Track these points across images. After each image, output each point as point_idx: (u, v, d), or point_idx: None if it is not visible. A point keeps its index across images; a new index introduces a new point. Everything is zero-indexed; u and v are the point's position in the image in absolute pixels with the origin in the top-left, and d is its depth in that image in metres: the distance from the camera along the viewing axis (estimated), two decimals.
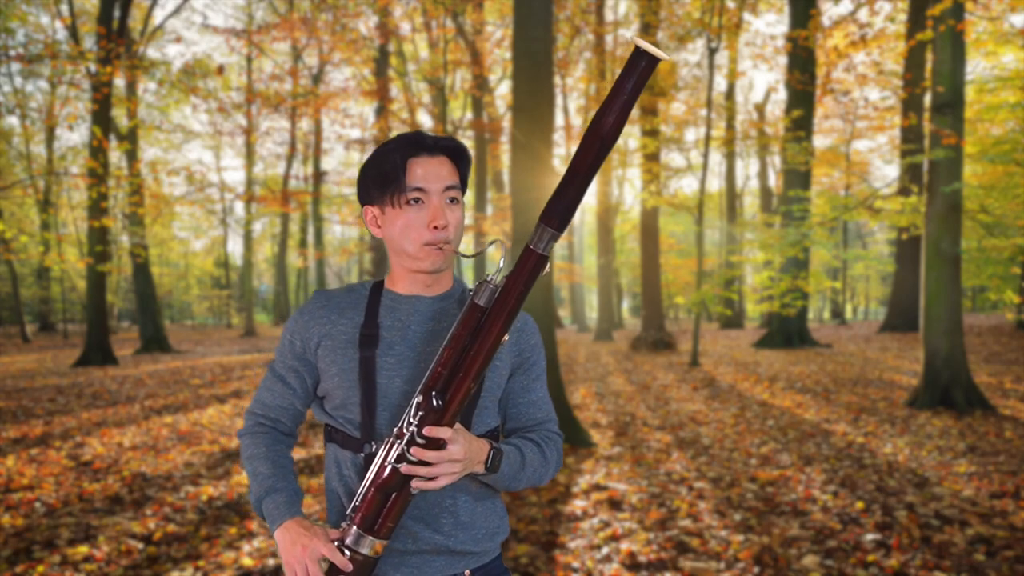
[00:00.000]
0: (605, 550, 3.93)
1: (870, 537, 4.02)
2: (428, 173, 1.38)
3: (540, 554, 3.89)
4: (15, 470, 5.92)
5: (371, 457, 1.38)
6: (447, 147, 1.41)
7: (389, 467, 1.27)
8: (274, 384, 1.49)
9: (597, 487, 5.25)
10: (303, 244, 29.05)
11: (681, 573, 3.59)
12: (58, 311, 32.79)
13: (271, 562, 3.80)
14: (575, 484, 5.32)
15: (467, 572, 1.44)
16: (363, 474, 1.39)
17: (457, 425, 1.28)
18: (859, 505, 4.64)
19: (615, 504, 4.81)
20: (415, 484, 1.27)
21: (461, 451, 1.27)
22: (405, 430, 1.26)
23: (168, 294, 40.62)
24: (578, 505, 4.80)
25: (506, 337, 1.27)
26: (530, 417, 1.51)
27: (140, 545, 4.09)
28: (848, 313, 49.10)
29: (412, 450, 1.25)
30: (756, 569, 3.61)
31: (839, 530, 4.18)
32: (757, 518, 4.45)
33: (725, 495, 4.98)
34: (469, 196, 24.65)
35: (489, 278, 1.26)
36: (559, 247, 30.20)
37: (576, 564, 3.75)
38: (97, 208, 15.24)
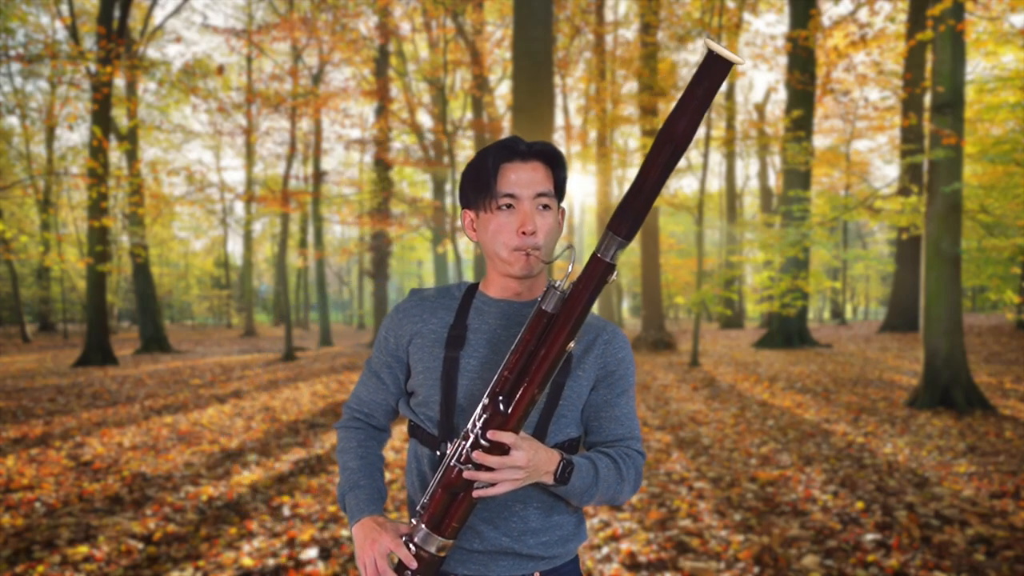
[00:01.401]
0: (605, 550, 3.93)
1: (870, 537, 4.02)
2: (520, 179, 1.39)
3: None
4: (15, 470, 5.92)
5: (444, 456, 1.40)
6: (541, 152, 1.42)
7: (452, 467, 1.29)
8: (369, 379, 1.53)
9: None
10: (303, 244, 29.05)
11: (681, 573, 3.59)
12: (58, 311, 32.79)
13: (271, 562, 3.80)
14: None
15: (537, 574, 1.44)
16: (435, 471, 1.42)
17: (523, 433, 1.28)
18: (859, 505, 4.64)
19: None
20: (476, 491, 1.27)
21: (524, 458, 1.26)
22: (471, 432, 1.27)
23: (168, 294, 40.62)
24: None
25: (572, 344, 1.26)
26: (611, 432, 1.48)
27: (140, 545, 4.09)
28: (848, 313, 49.13)
29: (474, 454, 1.25)
30: (756, 569, 3.61)
31: (839, 530, 4.18)
32: (757, 518, 4.45)
33: (725, 495, 4.98)
34: None
35: (556, 284, 1.26)
36: (558, 247, 30.16)
37: None
38: (97, 208, 15.24)
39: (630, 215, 1.19)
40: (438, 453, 1.41)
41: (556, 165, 1.43)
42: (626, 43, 20.75)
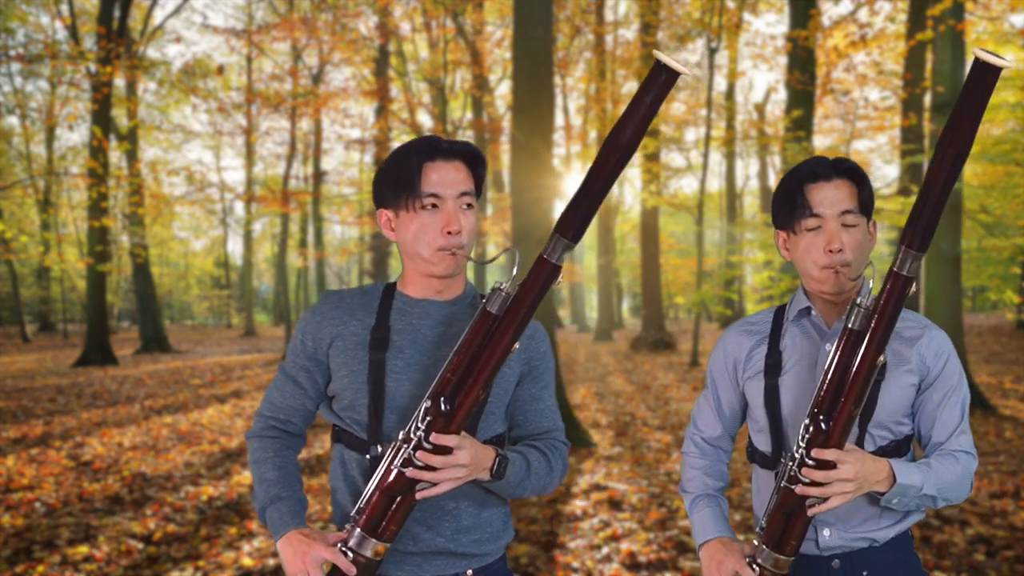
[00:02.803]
0: (605, 550, 3.93)
1: None
2: (443, 178, 1.38)
3: (540, 554, 3.89)
4: (15, 470, 5.92)
5: (377, 459, 1.38)
6: (463, 152, 1.41)
7: (395, 471, 1.28)
8: (285, 384, 1.48)
9: (597, 487, 5.25)
10: (303, 244, 29.02)
11: (681, 573, 3.59)
12: (58, 311, 32.77)
13: (271, 562, 3.80)
14: (575, 484, 5.32)
15: (469, 572, 1.44)
16: (367, 476, 1.40)
17: (463, 432, 1.29)
18: None
19: (615, 504, 4.81)
20: (420, 492, 1.28)
21: (467, 457, 1.27)
22: (413, 435, 1.27)
23: (168, 294, 40.60)
24: (578, 505, 4.80)
25: (516, 345, 1.27)
26: (536, 425, 1.50)
27: (140, 545, 4.09)
28: None
29: (418, 454, 1.25)
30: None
31: None
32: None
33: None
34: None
35: (501, 285, 1.27)
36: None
37: (576, 564, 3.75)
38: (97, 208, 15.24)
39: (576, 219, 1.21)
40: (368, 457, 1.39)
41: (477, 165, 1.43)
42: (626, 43, 20.75)
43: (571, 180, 21.32)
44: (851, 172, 1.43)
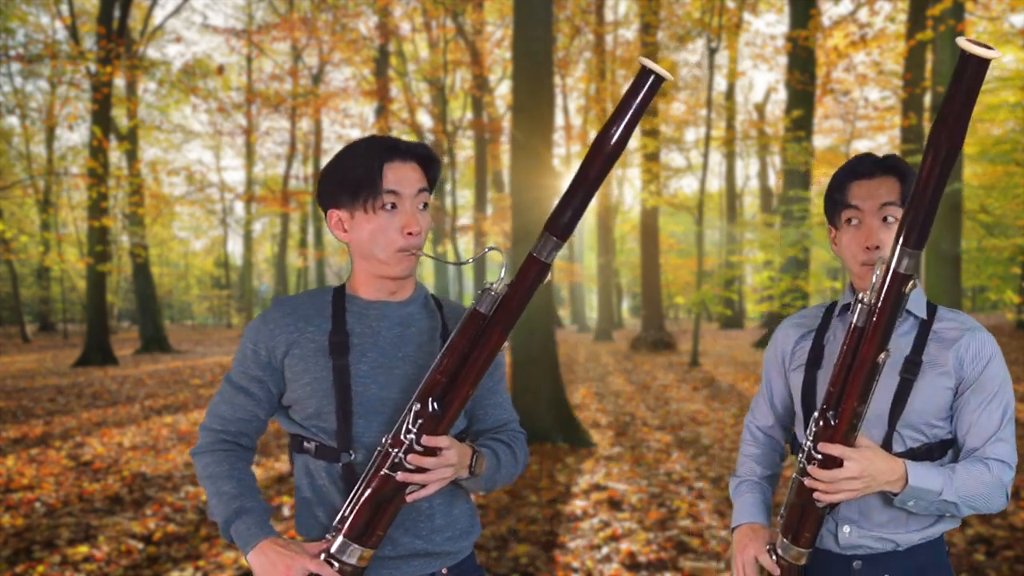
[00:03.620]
0: (605, 550, 3.93)
1: None
2: (402, 178, 1.36)
3: (540, 554, 3.89)
4: (15, 470, 5.92)
5: (350, 466, 1.36)
6: (418, 153, 1.40)
7: (383, 476, 1.27)
8: (235, 396, 1.42)
9: (597, 487, 5.25)
10: (303, 244, 29.04)
11: (681, 573, 3.59)
12: (58, 311, 32.77)
13: None
14: (575, 484, 5.32)
15: (444, 570, 1.44)
16: (340, 483, 1.38)
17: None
18: None
19: (615, 504, 4.81)
20: (411, 495, 1.28)
21: (455, 456, 1.29)
22: (404, 438, 1.26)
23: (168, 294, 40.60)
24: (578, 505, 4.80)
25: (506, 343, 1.29)
26: (496, 419, 1.52)
27: (140, 545, 4.09)
28: None
29: (410, 457, 1.25)
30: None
31: None
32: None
33: (725, 495, 4.98)
34: (469, 196, 24.64)
35: (491, 286, 1.27)
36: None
37: (576, 564, 3.75)
38: (97, 208, 15.24)
39: (564, 218, 1.23)
40: (340, 464, 1.37)
41: (431, 165, 1.42)
42: (626, 43, 20.75)
43: (570, 180, 21.31)
44: (895, 168, 1.43)
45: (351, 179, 1.36)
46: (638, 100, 1.19)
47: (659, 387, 11.02)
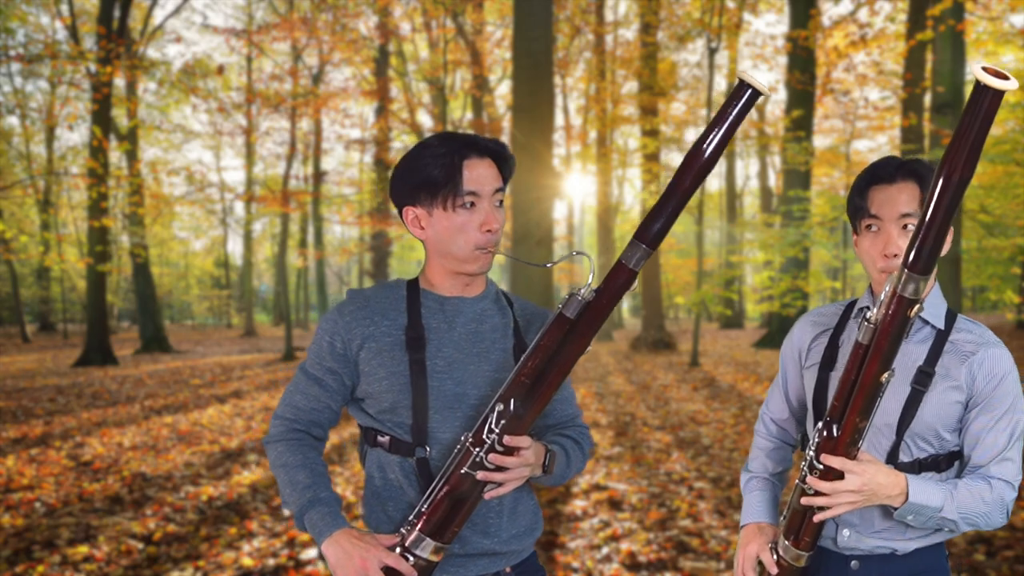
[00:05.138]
0: (605, 550, 3.93)
1: None
2: (481, 176, 1.38)
3: (540, 554, 3.89)
4: (15, 470, 5.92)
5: (423, 461, 1.38)
6: (495, 151, 1.41)
7: (462, 474, 1.28)
8: (309, 387, 1.43)
9: (597, 487, 5.25)
10: (303, 244, 29.02)
11: (681, 573, 3.59)
12: (58, 311, 32.77)
13: (271, 562, 3.80)
14: (575, 484, 5.32)
15: (507, 569, 1.46)
16: (413, 478, 1.40)
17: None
18: None
19: (615, 504, 4.81)
20: (489, 492, 1.31)
21: (533, 456, 1.31)
22: (487, 437, 1.28)
23: (168, 294, 40.60)
24: (578, 505, 4.80)
25: (589, 348, 1.30)
26: (562, 413, 1.54)
27: (140, 545, 4.09)
28: None
29: (491, 457, 1.27)
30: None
31: None
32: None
33: (725, 495, 4.98)
34: None
35: (579, 292, 1.28)
36: (559, 247, 30.22)
37: (576, 564, 3.75)
38: (97, 208, 15.24)
39: (656, 227, 1.24)
40: (414, 459, 1.38)
41: (506, 162, 1.43)
42: (626, 43, 20.74)
43: (571, 180, 21.32)
44: (915, 173, 1.42)
45: (429, 177, 1.37)
46: (734, 113, 1.21)
47: (659, 387, 11.02)
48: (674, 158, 30.67)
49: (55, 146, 27.92)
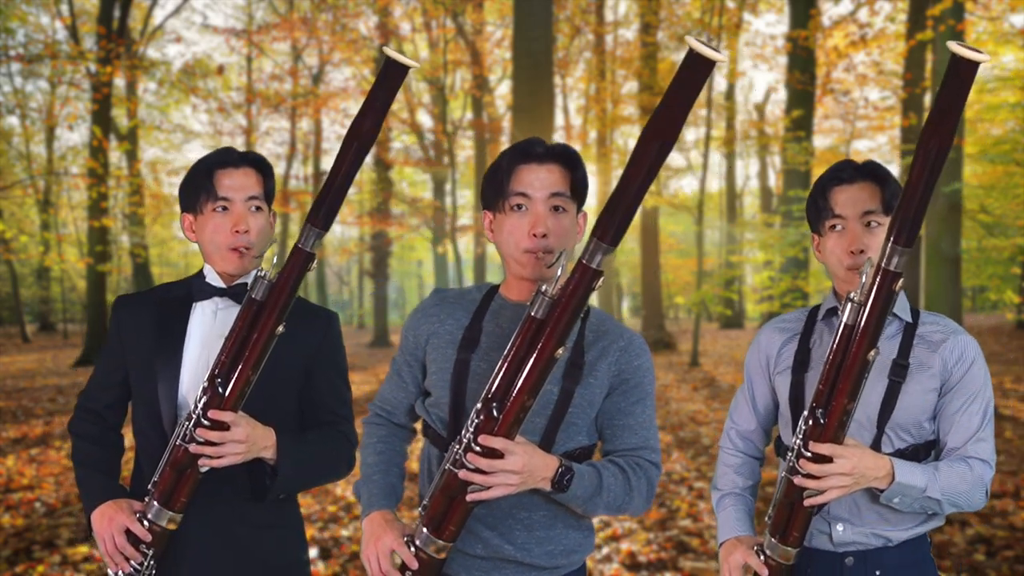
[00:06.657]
0: (605, 550, 3.93)
1: None
2: (533, 179, 1.38)
3: None
4: (15, 470, 5.92)
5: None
6: (560, 154, 1.40)
7: (447, 469, 1.29)
8: (392, 378, 1.54)
9: None
10: None
11: (681, 573, 3.59)
12: (58, 311, 32.78)
13: None
14: None
15: None
16: None
17: (521, 439, 1.27)
18: None
19: None
20: (471, 495, 1.27)
21: (518, 463, 1.24)
22: (464, 436, 1.28)
23: None
24: None
25: (560, 351, 1.23)
26: (623, 441, 1.44)
27: None
28: None
29: (468, 456, 1.26)
30: None
31: None
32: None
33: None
34: (469, 196, 24.65)
35: (544, 289, 1.24)
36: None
37: None
38: (97, 208, 15.25)
39: (614, 222, 1.20)
40: (446, 455, 1.39)
41: (573, 166, 1.41)
42: (626, 43, 20.74)
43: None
44: (874, 173, 1.47)
45: (490, 181, 1.42)
46: (688, 85, 1.13)
47: (659, 387, 11.03)
48: (674, 158, 30.68)
49: (55, 146, 27.90)
